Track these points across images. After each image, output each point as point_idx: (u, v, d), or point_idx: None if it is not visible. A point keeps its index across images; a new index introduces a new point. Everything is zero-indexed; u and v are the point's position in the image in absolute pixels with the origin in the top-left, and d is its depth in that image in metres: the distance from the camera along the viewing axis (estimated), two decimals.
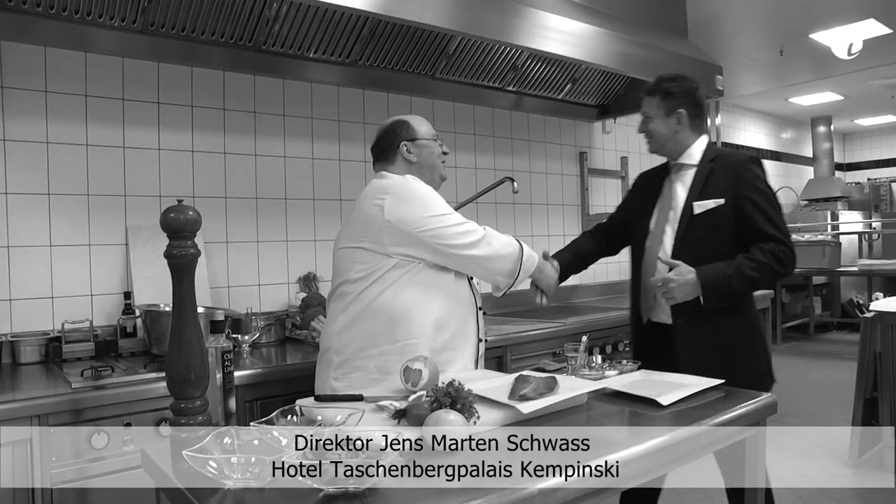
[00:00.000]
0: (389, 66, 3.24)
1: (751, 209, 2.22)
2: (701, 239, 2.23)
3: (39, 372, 2.29)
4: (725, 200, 2.23)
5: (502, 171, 4.02)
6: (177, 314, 1.44)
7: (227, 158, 3.00)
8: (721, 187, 2.25)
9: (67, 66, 2.59)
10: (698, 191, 2.28)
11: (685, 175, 2.35)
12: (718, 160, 2.32)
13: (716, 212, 2.24)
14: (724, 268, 2.16)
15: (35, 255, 2.53)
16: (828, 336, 8.53)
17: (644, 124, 2.40)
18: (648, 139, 2.41)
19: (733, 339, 2.26)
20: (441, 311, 2.01)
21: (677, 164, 2.38)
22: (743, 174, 2.25)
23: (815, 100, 8.54)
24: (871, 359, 3.75)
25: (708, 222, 2.24)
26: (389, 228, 1.93)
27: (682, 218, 2.28)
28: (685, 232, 2.26)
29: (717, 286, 2.15)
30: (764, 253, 2.16)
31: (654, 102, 2.35)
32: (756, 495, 1.73)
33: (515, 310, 3.82)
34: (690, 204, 2.27)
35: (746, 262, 2.16)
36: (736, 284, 2.15)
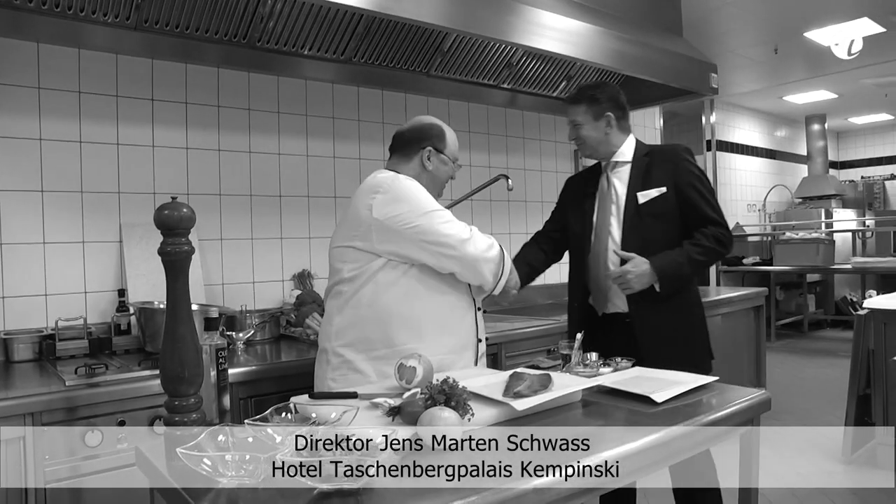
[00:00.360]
0: (384, 63, 3.23)
1: (692, 195, 2.37)
2: (647, 227, 2.36)
3: (33, 369, 2.28)
4: (667, 189, 2.37)
5: (497, 168, 4.02)
6: (171, 311, 1.43)
7: (222, 155, 2.99)
8: (661, 177, 2.39)
9: (60, 63, 2.58)
10: (639, 182, 2.40)
11: (621, 171, 2.46)
12: (652, 154, 2.46)
13: (659, 200, 2.37)
14: (676, 255, 2.30)
15: (29, 253, 2.52)
16: (821, 333, 8.57)
17: (574, 131, 2.48)
18: (580, 145, 2.50)
19: (684, 318, 2.42)
20: (439, 313, 2.00)
21: (612, 163, 2.48)
22: (679, 163, 2.40)
23: (810, 98, 8.57)
24: (865, 356, 3.77)
25: (652, 211, 2.36)
26: (377, 226, 1.93)
27: (626, 210, 2.39)
28: (631, 222, 2.37)
29: (672, 273, 2.29)
30: (707, 237, 2.32)
31: (581, 110, 2.45)
32: (749, 495, 1.73)
33: (510, 307, 3.82)
34: (634, 195, 2.39)
35: (693, 247, 2.32)
36: (687, 269, 2.31)
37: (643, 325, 2.34)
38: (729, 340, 4.24)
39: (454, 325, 2.04)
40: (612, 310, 2.43)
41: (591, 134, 2.44)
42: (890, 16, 5.23)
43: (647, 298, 2.32)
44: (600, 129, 2.44)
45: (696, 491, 2.42)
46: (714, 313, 4.10)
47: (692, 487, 2.42)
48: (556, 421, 1.58)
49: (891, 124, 10.56)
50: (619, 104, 2.47)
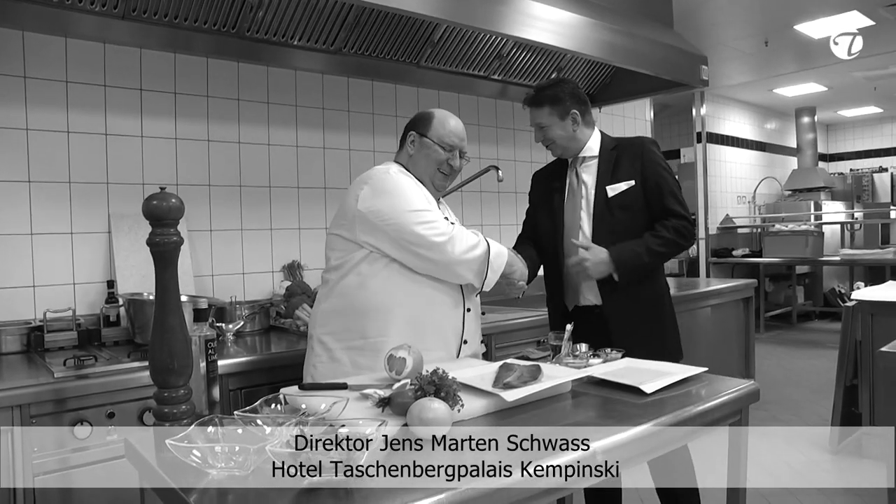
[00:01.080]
0: (374, 53, 3.22)
1: (657, 187, 2.39)
2: (617, 220, 2.37)
3: (21, 361, 2.27)
4: (635, 182, 2.38)
5: (487, 159, 4.01)
6: (160, 303, 1.43)
7: (211, 146, 2.97)
8: (628, 170, 2.40)
9: (47, 52, 2.55)
10: (608, 176, 2.41)
11: (589, 166, 2.47)
12: (620, 146, 2.47)
13: (628, 193, 2.38)
14: (634, 245, 2.32)
15: (16, 244, 2.50)
16: (810, 325, 8.63)
17: (541, 134, 2.46)
18: (549, 146, 2.48)
19: (654, 308, 2.45)
20: (417, 309, 1.99)
21: (579, 158, 2.48)
22: (645, 155, 2.42)
23: (800, 91, 8.60)
24: (852, 347, 3.80)
25: (621, 203, 2.38)
26: (360, 218, 1.95)
27: (596, 203, 2.40)
28: (601, 216, 2.38)
29: (630, 263, 2.31)
30: (668, 229, 2.34)
31: (545, 112, 2.43)
32: (738, 485, 1.74)
33: (499, 298, 3.82)
34: (603, 188, 2.40)
35: (653, 238, 2.34)
36: (646, 259, 2.32)
37: (615, 316, 2.36)
38: (718, 331, 4.26)
39: (431, 323, 2.02)
40: (583, 303, 2.44)
41: (559, 133, 2.42)
42: (879, 9, 5.26)
43: (616, 288, 2.34)
44: (567, 128, 2.42)
45: (678, 490, 2.45)
46: (703, 305, 4.12)
47: (673, 486, 2.45)
48: (546, 412, 1.58)
49: (880, 117, 10.62)
50: (581, 99, 2.45)
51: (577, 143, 2.45)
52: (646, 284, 2.41)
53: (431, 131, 2.11)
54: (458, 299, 2.08)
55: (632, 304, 2.37)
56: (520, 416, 1.54)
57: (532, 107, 2.46)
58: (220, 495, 1.13)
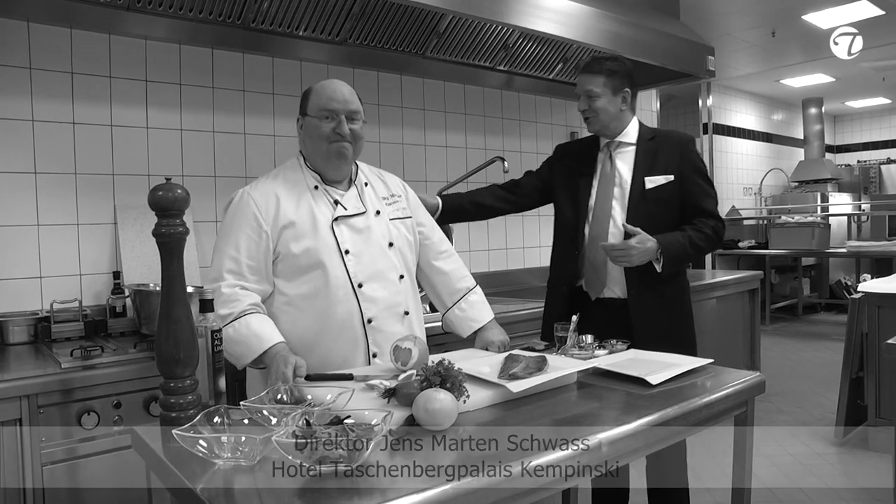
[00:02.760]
0: (380, 44, 3.21)
1: (696, 188, 2.38)
2: (651, 212, 2.34)
3: (28, 352, 2.28)
4: (674, 177, 2.36)
5: (493, 150, 4.00)
6: (166, 293, 1.43)
7: (216, 137, 2.97)
8: (667, 164, 2.37)
9: (52, 43, 2.55)
10: (646, 167, 2.37)
11: (624, 153, 2.42)
12: (658, 138, 2.42)
13: (665, 187, 2.35)
14: (679, 237, 2.31)
15: (22, 235, 2.51)
16: (816, 317, 8.60)
17: (588, 102, 2.38)
18: (591, 117, 2.40)
19: (677, 304, 2.43)
20: (302, 332, 1.87)
21: (615, 143, 2.43)
22: (687, 154, 2.40)
23: (807, 81, 8.56)
24: (858, 339, 3.79)
25: (658, 197, 2.35)
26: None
27: (631, 194, 2.36)
28: (636, 206, 2.35)
29: (675, 254, 2.28)
30: (709, 228, 2.34)
31: (601, 81, 2.36)
32: (744, 477, 1.74)
33: (506, 289, 3.83)
34: (641, 179, 2.36)
35: (697, 233, 2.33)
36: (690, 251, 2.31)
37: (640, 312, 2.32)
38: (723, 323, 4.25)
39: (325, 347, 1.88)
40: (608, 294, 2.40)
41: (608, 108, 2.36)
42: None
43: (645, 283, 2.31)
44: (616, 104, 2.37)
45: (670, 490, 2.45)
46: (709, 296, 4.11)
47: (665, 487, 2.45)
48: (552, 403, 1.58)
49: (888, 108, 10.56)
50: (633, 82, 2.42)
51: (618, 123, 2.40)
52: (672, 280, 2.38)
53: (310, 107, 1.94)
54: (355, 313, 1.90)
55: (657, 299, 2.34)
56: (525, 408, 1.54)
57: (587, 73, 2.38)
58: (226, 485, 1.14)
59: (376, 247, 1.95)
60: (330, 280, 1.86)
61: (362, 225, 1.95)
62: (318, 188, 1.95)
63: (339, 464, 1.12)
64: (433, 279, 2.18)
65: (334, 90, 1.94)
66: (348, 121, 1.92)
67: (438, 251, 2.19)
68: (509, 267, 4.14)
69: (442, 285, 2.18)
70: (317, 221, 1.90)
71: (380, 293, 1.93)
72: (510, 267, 4.15)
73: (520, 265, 4.18)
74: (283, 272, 1.89)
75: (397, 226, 2.04)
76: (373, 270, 1.92)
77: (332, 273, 1.87)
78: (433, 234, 2.19)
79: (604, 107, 2.36)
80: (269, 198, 1.91)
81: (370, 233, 1.95)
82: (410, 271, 2.06)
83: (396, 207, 2.07)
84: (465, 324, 2.16)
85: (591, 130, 2.46)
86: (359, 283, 1.89)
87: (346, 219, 1.93)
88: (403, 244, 2.04)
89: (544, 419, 1.46)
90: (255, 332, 1.78)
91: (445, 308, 2.19)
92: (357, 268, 1.90)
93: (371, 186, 2.06)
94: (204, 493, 1.11)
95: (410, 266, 2.06)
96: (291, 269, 1.88)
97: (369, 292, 1.91)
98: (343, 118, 1.91)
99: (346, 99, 1.94)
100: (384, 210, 2.03)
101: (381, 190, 2.08)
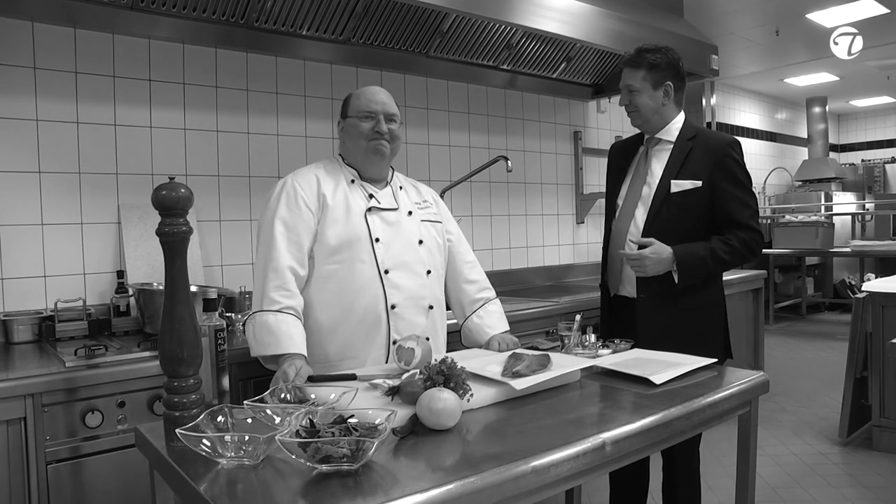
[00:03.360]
0: (383, 43, 3.21)
1: (728, 197, 2.26)
2: (673, 217, 2.26)
3: (33, 351, 2.28)
4: (703, 184, 2.25)
5: (496, 150, 4.00)
6: (169, 292, 1.43)
7: (220, 136, 2.97)
8: (699, 169, 2.27)
9: (56, 42, 2.55)
10: (676, 169, 2.29)
11: (661, 151, 2.36)
12: (698, 139, 2.33)
13: (691, 193, 2.26)
14: (700, 249, 2.22)
15: (26, 234, 2.51)
16: (819, 316, 8.58)
17: (629, 97, 2.35)
18: (632, 112, 2.37)
19: (694, 319, 2.30)
20: (328, 315, 1.96)
21: (654, 139, 2.37)
22: (722, 160, 2.27)
23: (811, 80, 8.54)
24: (862, 339, 3.78)
25: (683, 202, 2.26)
26: None
27: (656, 195, 2.29)
28: (658, 209, 2.28)
29: (692, 265, 2.21)
30: (738, 240, 2.23)
31: (640, 75, 2.32)
32: (747, 476, 1.74)
33: (509, 288, 3.83)
34: (668, 182, 2.28)
35: (721, 244, 2.23)
36: (710, 264, 2.22)
37: (647, 315, 2.28)
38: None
39: (349, 330, 1.97)
40: (622, 292, 2.38)
41: (648, 103, 2.32)
42: None
43: (662, 287, 2.24)
44: (657, 99, 2.32)
45: (679, 487, 2.42)
46: None
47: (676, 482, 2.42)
48: (555, 401, 1.58)
49: (892, 107, 10.53)
50: (679, 74, 2.35)
51: (660, 118, 2.34)
52: (692, 289, 2.27)
53: (350, 109, 2.08)
54: (380, 298, 1.98)
55: (669, 308, 2.26)
56: (529, 406, 1.54)
57: (628, 67, 2.34)
58: (230, 484, 1.14)
59: (406, 241, 2.04)
60: (357, 264, 1.96)
61: (394, 219, 2.06)
62: (355, 182, 2.07)
63: (343, 463, 1.12)
64: (456, 287, 2.25)
65: (374, 93, 2.07)
66: (387, 121, 2.05)
67: (465, 260, 2.27)
68: (513, 266, 4.14)
69: (464, 293, 2.25)
70: (350, 209, 2.00)
71: (405, 282, 2.01)
72: (514, 266, 4.15)
73: (523, 264, 4.18)
74: (314, 253, 1.98)
75: (427, 227, 2.13)
76: (400, 260, 2.01)
77: (360, 258, 1.97)
78: (460, 244, 2.28)
79: (644, 102, 2.32)
80: (310, 180, 2.04)
81: (401, 226, 2.05)
82: (438, 270, 2.14)
83: (428, 212, 2.18)
84: (481, 331, 2.21)
85: (634, 125, 2.41)
86: (385, 270, 1.98)
87: (380, 211, 2.04)
88: (433, 244, 2.13)
89: (548, 418, 1.46)
90: (290, 333, 1.85)
91: (464, 316, 2.25)
92: (385, 255, 2.00)
93: (405, 190, 2.16)
94: (207, 492, 1.11)
95: (438, 266, 2.15)
96: (322, 251, 1.97)
97: (395, 279, 1.99)
98: (382, 118, 2.04)
99: (384, 101, 2.07)
100: (416, 212, 2.12)
101: (414, 195, 2.19)
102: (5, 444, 1.83)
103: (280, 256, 1.92)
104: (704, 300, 2.35)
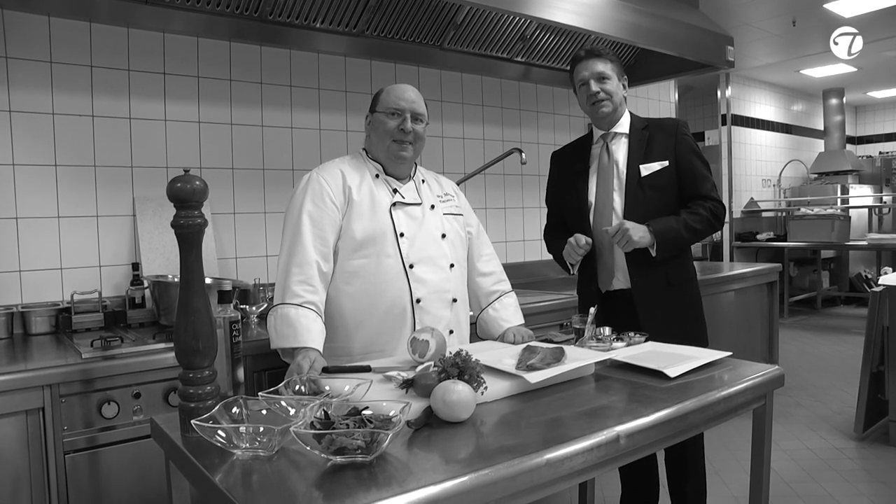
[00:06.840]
0: (397, 36, 3.20)
1: (691, 171, 2.38)
2: (649, 199, 2.35)
3: (50, 342, 2.31)
4: (669, 162, 2.36)
5: (510, 142, 3.99)
6: (184, 284, 1.44)
7: (234, 129, 2.98)
8: (662, 151, 2.38)
9: (72, 36, 2.57)
10: (641, 154, 2.38)
11: (619, 143, 2.43)
12: (651, 126, 2.44)
13: (661, 173, 2.36)
14: (672, 221, 2.31)
15: (43, 227, 2.54)
16: (835, 310, 8.52)
17: (599, 85, 2.36)
18: (602, 102, 2.37)
19: (682, 293, 2.42)
20: (353, 310, 1.98)
21: (610, 134, 2.44)
22: (681, 138, 2.40)
23: (828, 72, 8.43)
24: (879, 333, 3.74)
25: (655, 184, 2.36)
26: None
27: (628, 181, 2.37)
28: (633, 195, 2.36)
29: (668, 237, 2.28)
30: (705, 209, 2.34)
31: (610, 67, 2.39)
32: (762, 470, 1.73)
33: (524, 281, 3.82)
34: (636, 167, 2.37)
35: (691, 215, 2.33)
36: (684, 234, 2.31)
37: (644, 302, 2.34)
38: (742, 316, 4.22)
39: (375, 323, 1.98)
40: (615, 286, 2.40)
41: (618, 91, 2.39)
42: None
43: (651, 268, 2.32)
44: (621, 91, 2.41)
45: (687, 481, 2.44)
46: (727, 289, 4.08)
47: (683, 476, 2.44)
48: (569, 395, 1.58)
49: None
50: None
51: (617, 112, 2.41)
52: (674, 268, 2.38)
53: (379, 105, 2.08)
54: (405, 291, 2.00)
55: (660, 288, 2.35)
56: (543, 399, 1.54)
57: (594, 58, 2.37)
58: (245, 475, 1.15)
59: (429, 235, 2.06)
60: (383, 259, 1.98)
61: (418, 214, 2.07)
62: (380, 177, 2.08)
63: (357, 455, 1.12)
64: (473, 279, 2.26)
65: (403, 90, 2.07)
66: (413, 120, 2.05)
67: (481, 253, 2.29)
68: (527, 258, 4.14)
69: (480, 286, 2.27)
70: (376, 203, 2.02)
71: (430, 276, 2.03)
72: (528, 258, 4.14)
73: (538, 257, 4.17)
74: (339, 248, 1.99)
75: (450, 220, 2.15)
76: (424, 255, 2.03)
77: (385, 252, 1.98)
78: (479, 236, 2.31)
79: (615, 90, 2.38)
80: (335, 174, 2.04)
81: (424, 221, 2.07)
82: (461, 263, 2.16)
83: (450, 205, 2.19)
84: (496, 323, 2.23)
85: (600, 116, 2.41)
86: (410, 265, 1.99)
87: (404, 205, 2.06)
88: (455, 237, 2.14)
89: (562, 411, 1.45)
90: (308, 327, 1.85)
91: (480, 308, 2.27)
92: (410, 250, 2.01)
93: (427, 184, 2.18)
94: (223, 482, 1.12)
95: (461, 259, 2.17)
96: (348, 246, 1.98)
97: (420, 274, 2.01)
98: (408, 116, 2.04)
99: (412, 100, 2.07)
100: (438, 206, 2.14)
101: (436, 188, 2.21)
102: (24, 434, 1.85)
103: (305, 251, 1.93)
104: (685, 274, 2.46)
